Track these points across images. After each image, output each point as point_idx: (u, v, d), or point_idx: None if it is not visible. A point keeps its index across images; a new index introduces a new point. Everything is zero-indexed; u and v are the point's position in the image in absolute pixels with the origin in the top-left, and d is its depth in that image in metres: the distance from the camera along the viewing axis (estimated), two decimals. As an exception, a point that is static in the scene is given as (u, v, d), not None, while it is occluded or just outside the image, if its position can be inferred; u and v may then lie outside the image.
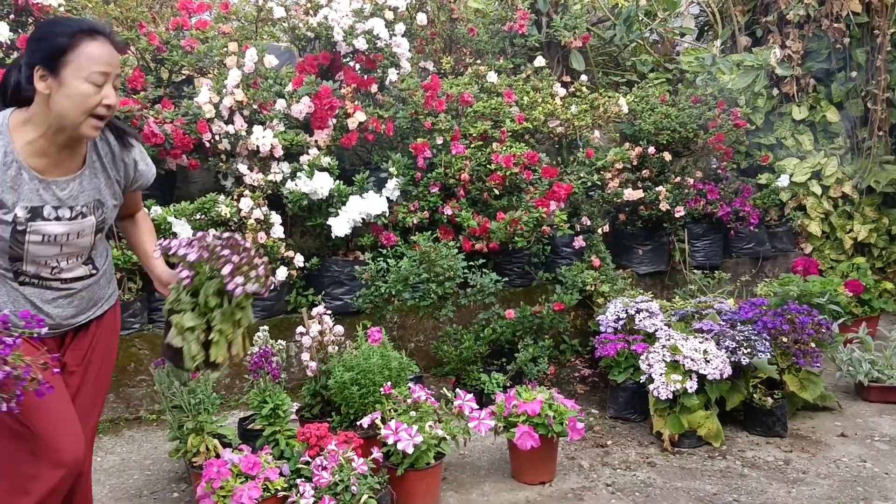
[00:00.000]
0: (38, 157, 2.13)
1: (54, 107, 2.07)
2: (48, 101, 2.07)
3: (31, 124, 2.12)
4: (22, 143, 2.10)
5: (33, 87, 2.08)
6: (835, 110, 6.49)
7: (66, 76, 2.05)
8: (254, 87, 4.59)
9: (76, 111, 2.07)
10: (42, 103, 2.09)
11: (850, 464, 3.58)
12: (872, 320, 5.42)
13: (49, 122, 2.10)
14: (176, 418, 3.26)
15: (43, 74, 2.05)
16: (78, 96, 2.06)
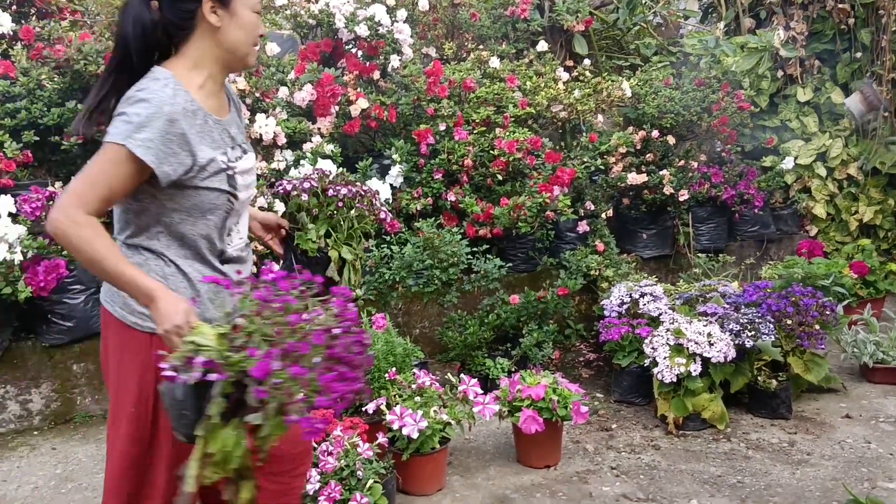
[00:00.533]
0: (210, 99, 1.98)
1: (227, 40, 1.95)
2: (217, 36, 1.94)
3: (198, 68, 1.94)
4: (195, 89, 1.92)
5: (184, 29, 1.93)
6: (840, 91, 6.45)
7: (236, 7, 1.94)
8: (256, 75, 4.60)
9: (248, 41, 1.98)
10: (209, 41, 1.94)
11: (854, 445, 3.59)
12: (878, 302, 5.41)
13: (218, 59, 1.97)
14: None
15: (214, 7, 1.91)
16: (250, 25, 1.97)
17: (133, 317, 1.91)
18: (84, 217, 1.76)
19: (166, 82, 1.86)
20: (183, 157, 1.85)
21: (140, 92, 1.83)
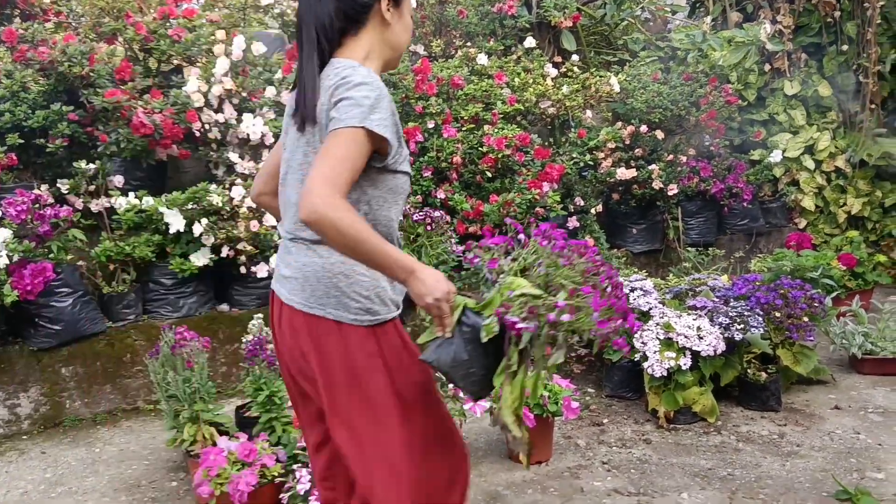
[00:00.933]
0: None
1: (392, 39, 1.98)
2: (386, 33, 1.96)
3: (368, 60, 1.94)
4: None
5: (357, 23, 1.92)
6: (826, 84, 6.48)
7: (403, 9, 1.99)
8: (243, 74, 4.58)
9: (406, 43, 2.03)
10: (378, 37, 1.95)
11: (843, 436, 3.61)
12: (866, 293, 5.44)
13: (382, 55, 1.98)
14: (172, 408, 3.28)
15: (389, 4, 1.94)
16: (409, 28, 2.03)
17: (351, 314, 1.85)
18: (341, 200, 1.68)
19: (368, 69, 1.87)
20: (398, 138, 1.86)
21: (354, 76, 1.81)
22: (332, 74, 1.84)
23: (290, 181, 1.94)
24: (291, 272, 1.91)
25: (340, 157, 1.72)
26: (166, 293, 4.29)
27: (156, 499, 3.23)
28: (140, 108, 4.30)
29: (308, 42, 1.89)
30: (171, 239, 4.28)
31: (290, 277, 1.91)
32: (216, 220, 4.24)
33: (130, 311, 4.23)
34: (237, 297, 4.47)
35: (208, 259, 4.24)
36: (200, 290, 4.36)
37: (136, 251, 4.15)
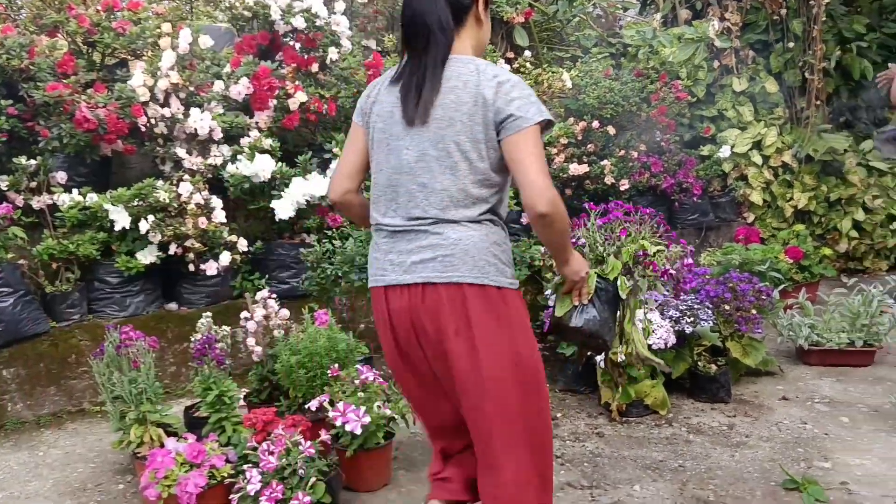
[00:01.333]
0: None
1: (483, 38, 2.15)
2: (479, 32, 2.13)
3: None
4: None
5: (458, 23, 2.07)
6: (773, 81, 6.60)
7: (486, 12, 2.15)
8: (190, 68, 4.50)
9: (487, 42, 2.22)
10: (475, 35, 2.12)
11: (791, 426, 3.67)
12: (812, 286, 5.55)
13: (478, 54, 2.14)
14: (118, 409, 3.20)
15: (483, 6, 2.12)
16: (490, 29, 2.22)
17: (507, 279, 2.05)
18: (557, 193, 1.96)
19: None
20: None
21: (503, 74, 2.00)
22: (468, 72, 1.99)
23: (419, 170, 2.01)
24: (439, 252, 2.00)
25: (540, 152, 1.95)
26: (112, 292, 4.19)
27: (102, 502, 3.15)
28: (83, 103, 4.19)
29: (435, 44, 2.01)
30: (116, 236, 4.19)
31: (439, 257, 2.00)
32: (163, 216, 4.16)
33: (75, 311, 4.13)
34: (186, 296, 4.38)
35: (155, 257, 4.16)
36: (147, 288, 4.27)
37: (80, 249, 4.05)
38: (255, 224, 4.80)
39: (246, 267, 4.58)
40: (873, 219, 6.43)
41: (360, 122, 2.18)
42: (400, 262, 2.05)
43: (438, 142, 1.99)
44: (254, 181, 4.40)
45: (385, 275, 2.08)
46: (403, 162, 2.03)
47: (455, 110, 1.97)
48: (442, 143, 1.99)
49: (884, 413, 3.78)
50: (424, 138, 2.00)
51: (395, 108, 2.05)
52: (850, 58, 6.72)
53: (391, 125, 2.06)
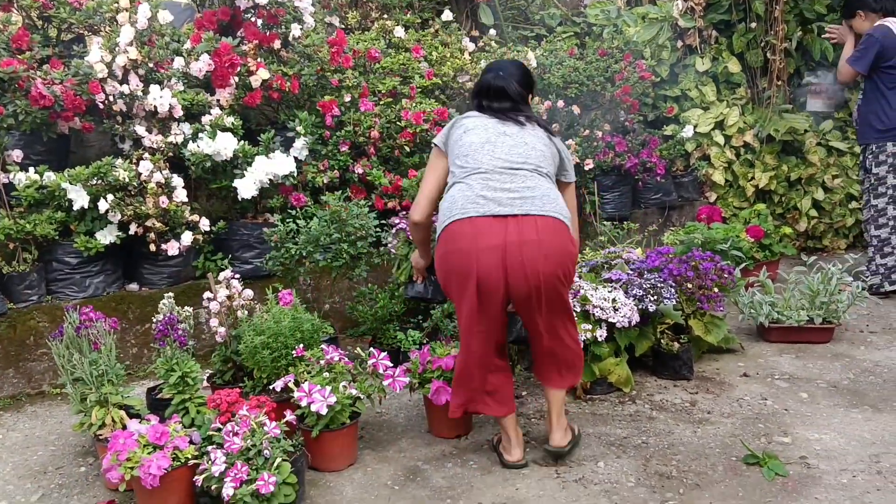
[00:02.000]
0: None
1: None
2: None
3: None
4: None
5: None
6: (736, 61, 6.65)
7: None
8: (149, 44, 4.40)
9: None
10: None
11: (751, 402, 3.73)
12: (773, 264, 5.63)
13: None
14: (78, 391, 3.15)
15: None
16: None
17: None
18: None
19: None
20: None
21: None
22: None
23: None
24: (533, 193, 2.88)
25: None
26: (71, 272, 4.12)
27: (63, 485, 3.11)
28: (39, 79, 4.09)
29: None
30: (75, 216, 4.11)
31: (537, 196, 2.88)
32: (123, 196, 4.08)
33: (33, 292, 4.05)
34: (147, 277, 4.32)
35: (115, 237, 4.09)
36: (108, 268, 4.20)
37: (37, 229, 3.97)
38: (218, 203, 4.74)
39: (208, 247, 4.52)
40: (832, 198, 6.54)
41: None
42: (507, 196, 2.95)
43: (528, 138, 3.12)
44: (216, 160, 4.33)
45: None
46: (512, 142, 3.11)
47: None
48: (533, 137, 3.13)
49: (841, 388, 3.86)
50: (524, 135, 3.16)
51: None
52: (810, 38, 6.79)
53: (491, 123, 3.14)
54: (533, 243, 2.80)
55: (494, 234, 2.80)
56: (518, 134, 3.00)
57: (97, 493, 3.03)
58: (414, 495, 2.94)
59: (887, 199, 5.21)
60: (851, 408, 3.63)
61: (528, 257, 2.79)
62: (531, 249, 2.80)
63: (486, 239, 2.80)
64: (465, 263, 2.82)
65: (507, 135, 2.99)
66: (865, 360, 4.24)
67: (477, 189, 2.87)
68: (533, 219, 2.83)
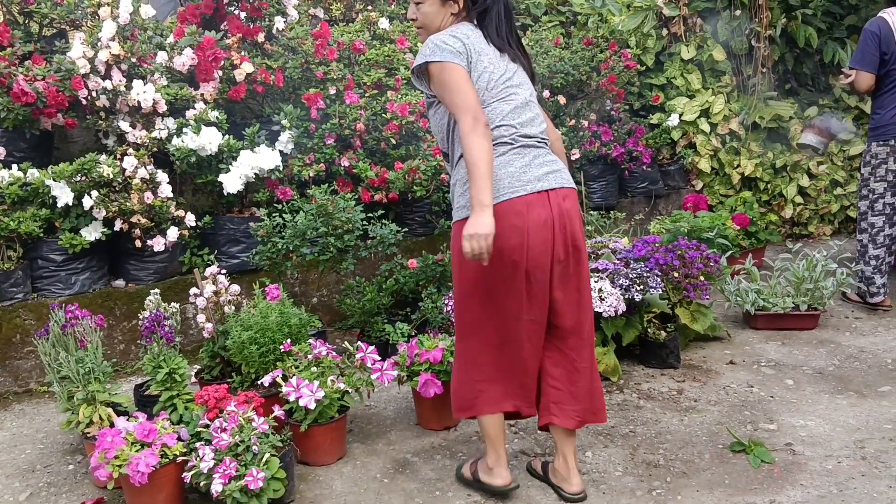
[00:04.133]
0: None
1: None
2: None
3: None
4: None
5: None
6: (721, 49, 6.66)
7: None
8: (131, 39, 4.37)
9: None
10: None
11: (738, 389, 3.76)
12: (759, 251, 5.66)
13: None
14: (65, 389, 3.14)
15: None
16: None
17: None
18: None
19: None
20: None
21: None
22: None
23: (532, 101, 2.67)
24: (559, 165, 2.64)
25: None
26: (57, 270, 4.10)
27: (52, 483, 3.10)
28: (20, 76, 4.05)
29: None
30: (59, 213, 4.09)
31: (561, 168, 2.64)
32: (108, 192, 4.06)
33: (18, 290, 4.03)
34: (134, 273, 4.31)
35: (100, 233, 4.07)
36: (93, 265, 4.18)
37: (21, 227, 3.94)
38: (203, 198, 4.72)
39: (194, 242, 4.51)
40: (817, 185, 6.57)
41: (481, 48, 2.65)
42: (546, 167, 2.65)
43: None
44: (200, 154, 4.31)
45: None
46: (523, 92, 2.69)
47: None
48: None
49: (826, 375, 3.89)
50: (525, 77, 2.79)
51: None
52: (795, 25, 6.81)
53: (496, 58, 2.65)
54: (574, 213, 2.62)
55: (544, 208, 2.55)
56: (532, 92, 2.71)
57: (86, 492, 3.03)
58: (403, 488, 2.95)
59: (868, 203, 4.82)
60: (836, 394, 3.66)
61: (568, 229, 2.59)
62: (570, 220, 2.60)
63: (537, 212, 2.53)
64: (519, 243, 2.52)
65: (532, 99, 2.67)
66: (850, 345, 4.28)
67: (528, 159, 2.57)
68: (567, 191, 2.62)
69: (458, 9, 2.61)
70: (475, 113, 2.40)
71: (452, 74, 2.46)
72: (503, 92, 2.57)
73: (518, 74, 2.63)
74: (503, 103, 2.56)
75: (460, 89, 2.45)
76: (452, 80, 2.46)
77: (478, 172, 2.35)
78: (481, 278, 2.57)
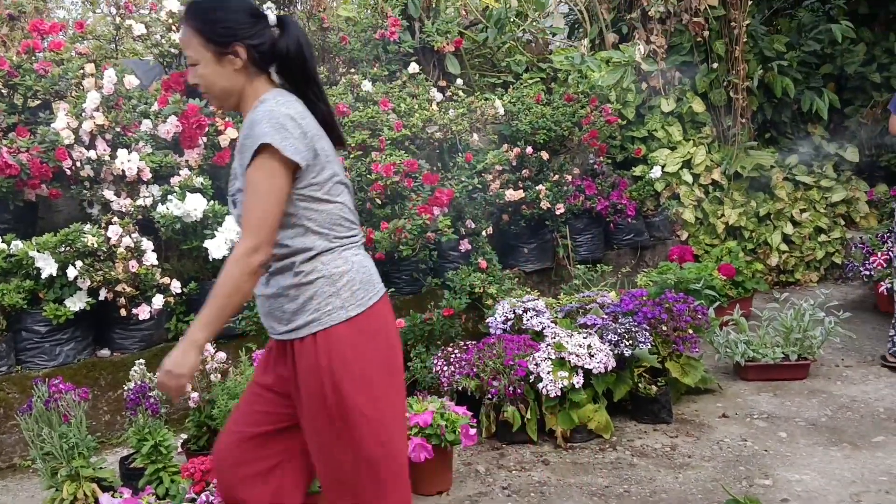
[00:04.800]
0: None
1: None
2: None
3: None
4: None
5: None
6: (700, 101, 6.77)
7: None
8: (116, 108, 4.40)
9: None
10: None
11: (732, 444, 3.73)
12: (746, 301, 5.67)
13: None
14: (48, 466, 3.08)
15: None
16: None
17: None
18: None
19: None
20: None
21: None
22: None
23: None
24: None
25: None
26: (41, 341, 4.05)
27: (34, 565, 3.02)
28: (5, 148, 4.06)
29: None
30: (43, 284, 4.06)
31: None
32: (92, 261, 4.04)
33: (2, 363, 3.98)
34: (119, 341, 4.26)
35: (85, 303, 4.04)
36: (78, 335, 4.14)
37: (5, 299, 3.91)
38: (189, 264, 4.70)
39: (180, 308, 4.48)
40: (802, 232, 6.62)
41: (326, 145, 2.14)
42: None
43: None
44: (185, 221, 4.31)
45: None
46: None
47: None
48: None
49: (820, 426, 3.86)
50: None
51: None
52: (772, 76, 6.94)
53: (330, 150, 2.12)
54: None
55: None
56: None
57: (69, 572, 2.95)
58: (395, 558, 2.89)
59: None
60: (830, 446, 3.63)
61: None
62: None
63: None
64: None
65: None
66: (842, 395, 4.26)
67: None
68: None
69: (242, 64, 2.05)
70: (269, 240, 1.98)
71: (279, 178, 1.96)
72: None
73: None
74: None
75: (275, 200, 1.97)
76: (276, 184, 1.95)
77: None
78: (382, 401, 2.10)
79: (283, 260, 2.03)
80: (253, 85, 2.08)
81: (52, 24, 4.74)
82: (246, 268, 1.93)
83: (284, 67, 2.11)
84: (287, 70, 2.11)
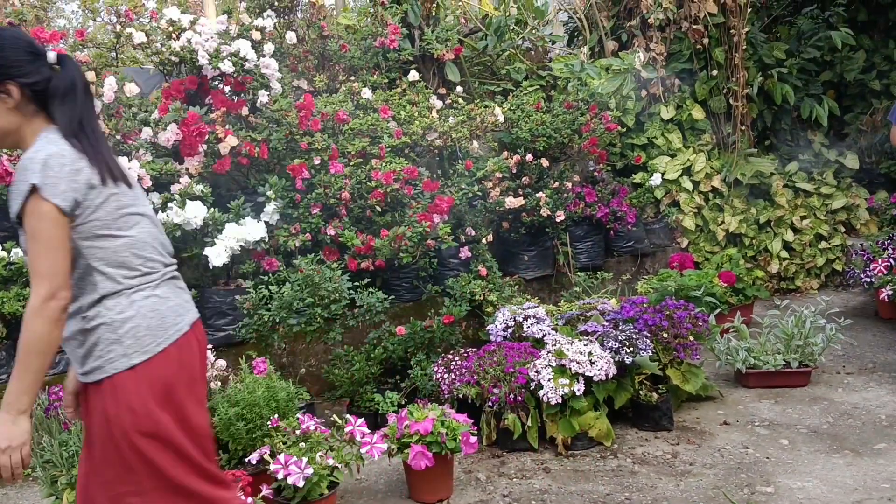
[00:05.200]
0: None
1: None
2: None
3: None
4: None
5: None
6: (699, 108, 6.78)
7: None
8: (116, 116, 4.41)
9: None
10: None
11: (733, 451, 3.72)
12: (746, 308, 5.66)
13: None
14: (49, 474, 3.07)
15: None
16: None
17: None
18: None
19: None
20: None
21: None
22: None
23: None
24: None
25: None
26: (41, 349, 4.04)
27: (33, 574, 3.01)
28: (5, 156, 4.06)
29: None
30: (43, 292, 4.05)
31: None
32: (92, 269, 4.03)
33: (2, 371, 3.96)
34: (119, 349, 4.25)
35: (85, 311, 4.03)
36: (78, 343, 4.13)
37: (5, 307, 3.91)
38: (189, 271, 4.69)
39: (181, 315, 4.47)
40: (802, 239, 6.62)
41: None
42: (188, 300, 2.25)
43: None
44: (186, 229, 4.31)
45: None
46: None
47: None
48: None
49: (821, 433, 3.85)
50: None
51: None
52: (771, 83, 6.95)
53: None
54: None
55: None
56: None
57: (69, 581, 2.93)
58: (396, 566, 2.89)
59: None
60: (832, 453, 3.62)
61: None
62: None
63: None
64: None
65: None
66: (843, 402, 4.25)
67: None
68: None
69: (14, 103, 1.99)
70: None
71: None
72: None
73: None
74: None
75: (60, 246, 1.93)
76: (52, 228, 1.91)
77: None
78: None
79: (73, 303, 1.98)
80: (31, 125, 2.03)
81: (53, 32, 4.74)
82: (47, 318, 1.88)
83: (61, 106, 2.03)
84: (62, 109, 2.03)
